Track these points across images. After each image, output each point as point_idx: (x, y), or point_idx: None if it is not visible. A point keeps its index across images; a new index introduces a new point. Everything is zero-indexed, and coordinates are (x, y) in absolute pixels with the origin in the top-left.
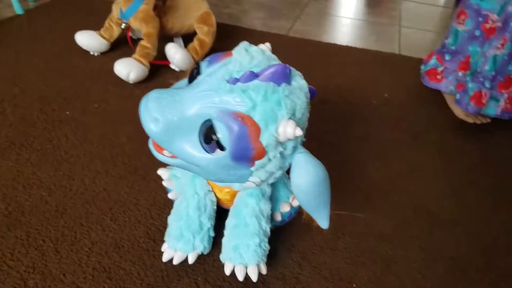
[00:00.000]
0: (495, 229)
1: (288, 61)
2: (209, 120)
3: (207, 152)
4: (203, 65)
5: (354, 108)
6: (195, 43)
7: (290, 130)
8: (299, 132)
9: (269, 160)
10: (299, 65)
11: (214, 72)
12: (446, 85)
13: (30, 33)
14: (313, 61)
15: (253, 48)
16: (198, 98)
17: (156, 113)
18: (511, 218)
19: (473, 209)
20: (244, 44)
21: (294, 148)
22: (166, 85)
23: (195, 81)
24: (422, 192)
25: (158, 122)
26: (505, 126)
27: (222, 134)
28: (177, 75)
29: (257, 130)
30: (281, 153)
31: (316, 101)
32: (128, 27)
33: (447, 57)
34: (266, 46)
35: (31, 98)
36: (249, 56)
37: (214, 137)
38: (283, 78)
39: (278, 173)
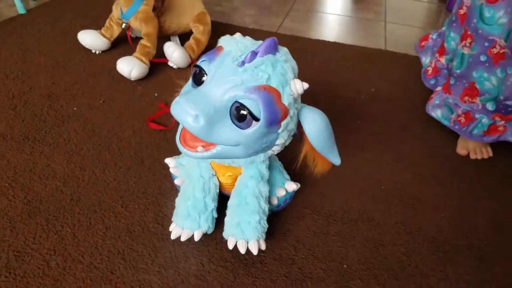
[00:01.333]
0: (475, 215)
1: None
2: (236, 102)
3: (244, 128)
4: (205, 64)
5: (343, 102)
6: (191, 41)
7: (299, 86)
8: (306, 85)
9: (291, 118)
10: None
11: (220, 64)
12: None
13: (34, 32)
14: (302, 57)
15: (235, 36)
16: (223, 85)
17: (194, 110)
18: (491, 206)
19: (455, 197)
20: (227, 37)
21: (300, 104)
22: (166, 81)
23: (209, 76)
24: (408, 181)
25: (199, 118)
26: None
27: (253, 108)
28: (175, 72)
29: (278, 94)
30: (297, 109)
31: (307, 96)
32: (128, 27)
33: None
34: (238, 35)
35: (40, 95)
36: (239, 42)
37: (245, 112)
38: (275, 48)
39: (292, 132)
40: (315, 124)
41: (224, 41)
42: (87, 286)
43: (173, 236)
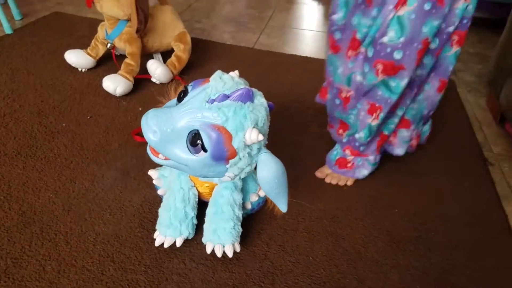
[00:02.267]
0: (426, 211)
1: (253, 72)
2: (194, 130)
3: (193, 154)
4: (189, 88)
5: (313, 113)
6: (173, 59)
7: (254, 136)
8: (261, 137)
9: (240, 159)
10: (263, 75)
11: (197, 94)
12: None
13: (21, 52)
14: (276, 71)
15: (225, 76)
16: (186, 115)
17: (154, 126)
18: (441, 202)
19: (408, 194)
20: (218, 73)
21: (259, 149)
22: (149, 96)
23: (183, 101)
24: (367, 182)
25: (156, 133)
26: (438, 125)
27: (204, 140)
28: (158, 87)
29: (230, 137)
30: (249, 153)
31: (279, 106)
32: (113, 47)
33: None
34: (235, 74)
35: (30, 112)
36: (222, 82)
37: (198, 142)
38: (247, 98)
39: (247, 169)
40: (267, 173)
41: (214, 76)
42: (80, 287)
43: (157, 243)
